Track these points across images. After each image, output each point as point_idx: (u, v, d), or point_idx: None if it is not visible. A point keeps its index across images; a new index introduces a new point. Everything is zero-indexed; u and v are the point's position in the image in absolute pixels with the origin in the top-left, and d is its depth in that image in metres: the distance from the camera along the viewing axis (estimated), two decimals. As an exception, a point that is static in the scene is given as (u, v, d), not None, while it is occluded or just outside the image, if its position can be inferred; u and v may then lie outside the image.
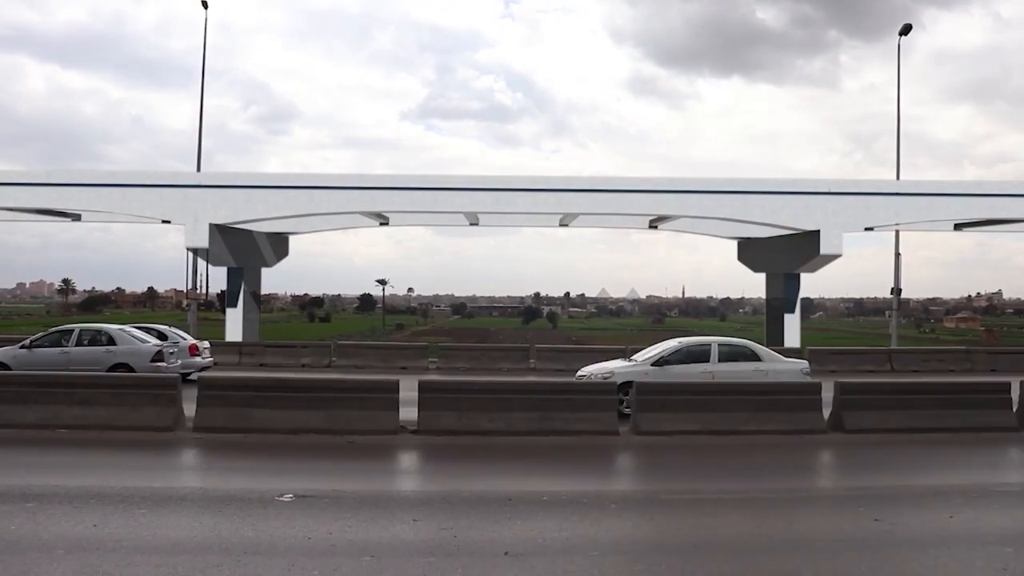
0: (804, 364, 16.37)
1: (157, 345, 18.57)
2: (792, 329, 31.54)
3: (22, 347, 18.37)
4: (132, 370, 17.16)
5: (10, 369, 16.98)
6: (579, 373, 16.17)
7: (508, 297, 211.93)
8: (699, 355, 15.54)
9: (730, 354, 15.64)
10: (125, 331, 18.95)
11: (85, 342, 18.37)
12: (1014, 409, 13.61)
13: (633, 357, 16.57)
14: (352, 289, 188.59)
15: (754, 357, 15.70)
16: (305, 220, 33.24)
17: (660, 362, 15.38)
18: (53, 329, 20.03)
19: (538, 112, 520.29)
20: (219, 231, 29.53)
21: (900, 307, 35.73)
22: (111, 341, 18.26)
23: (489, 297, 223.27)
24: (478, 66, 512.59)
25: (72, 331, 18.78)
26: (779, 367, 15.67)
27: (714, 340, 16.17)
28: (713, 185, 30.13)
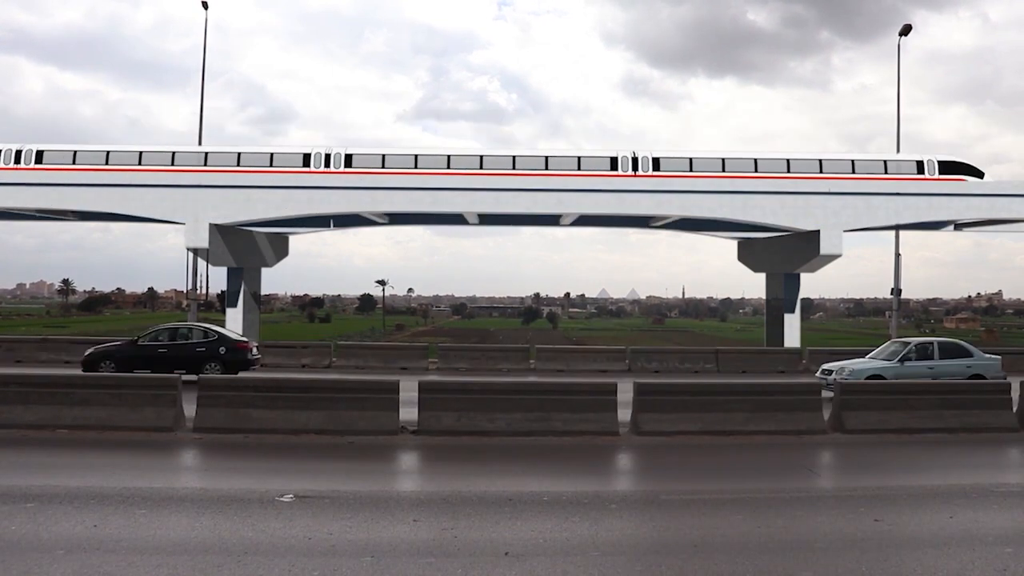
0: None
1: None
2: (792, 329, 31.59)
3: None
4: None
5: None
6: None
7: (508, 297, 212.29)
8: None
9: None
10: None
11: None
12: (1014, 409, 13.63)
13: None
14: (352, 289, 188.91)
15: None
16: (305, 220, 33.20)
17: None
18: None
19: (533, 113, 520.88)
20: (219, 231, 29.55)
21: (900, 307, 35.71)
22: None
23: (489, 298, 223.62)
24: (472, 67, 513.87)
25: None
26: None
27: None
28: (713, 185, 30.08)
